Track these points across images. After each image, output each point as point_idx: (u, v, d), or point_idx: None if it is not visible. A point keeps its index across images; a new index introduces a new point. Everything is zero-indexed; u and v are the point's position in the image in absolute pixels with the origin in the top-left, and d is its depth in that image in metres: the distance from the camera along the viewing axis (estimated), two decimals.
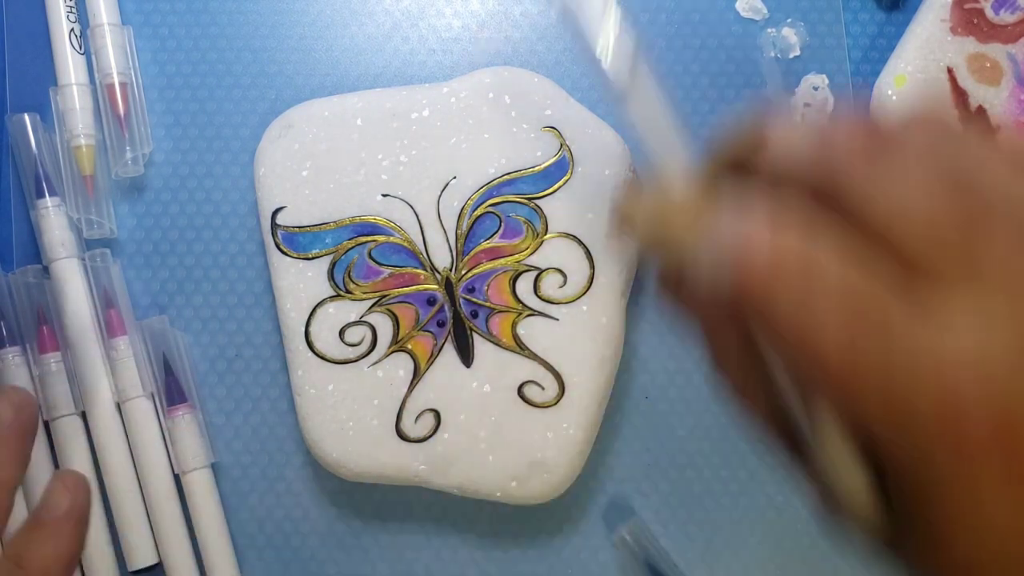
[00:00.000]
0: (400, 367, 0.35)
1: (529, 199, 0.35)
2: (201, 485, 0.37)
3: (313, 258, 0.35)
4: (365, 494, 0.38)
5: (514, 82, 0.36)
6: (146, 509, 0.37)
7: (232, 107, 0.40)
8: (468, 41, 0.40)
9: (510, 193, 0.35)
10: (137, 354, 0.37)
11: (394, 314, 0.35)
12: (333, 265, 0.35)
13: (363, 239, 0.35)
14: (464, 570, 0.37)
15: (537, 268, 0.35)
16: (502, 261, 0.35)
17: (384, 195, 0.35)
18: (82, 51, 0.39)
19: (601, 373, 0.35)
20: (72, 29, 0.38)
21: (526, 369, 0.35)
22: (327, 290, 0.35)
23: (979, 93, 0.37)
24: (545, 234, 0.35)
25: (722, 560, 0.37)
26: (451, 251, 0.35)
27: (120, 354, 0.37)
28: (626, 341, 0.36)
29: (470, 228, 0.35)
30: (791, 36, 0.40)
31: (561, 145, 0.35)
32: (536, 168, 0.35)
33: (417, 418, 0.35)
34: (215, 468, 0.38)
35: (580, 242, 0.35)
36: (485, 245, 0.35)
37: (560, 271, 0.35)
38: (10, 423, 0.29)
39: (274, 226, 0.35)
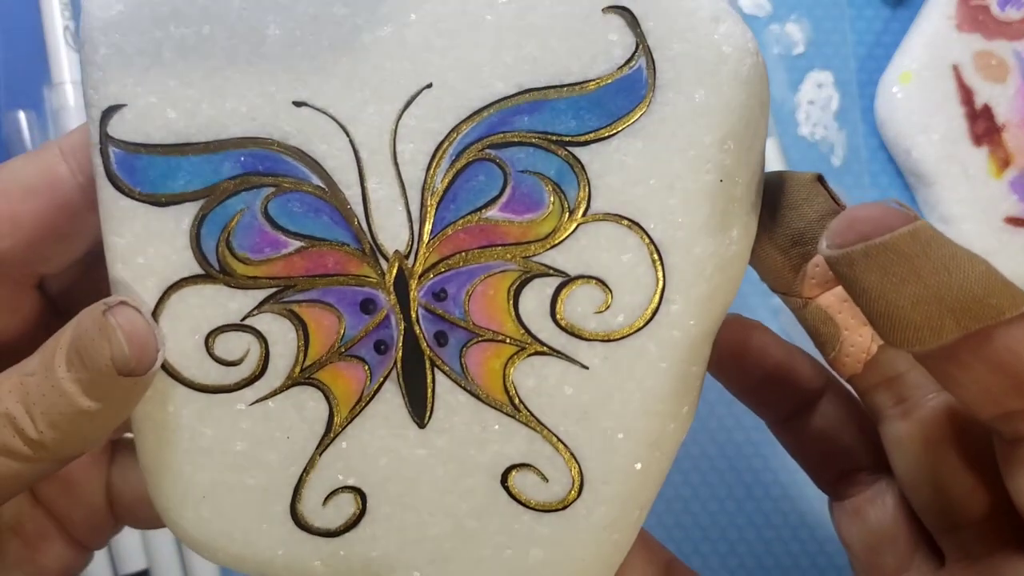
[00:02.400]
0: (306, 411, 0.20)
1: (563, 143, 0.19)
2: None
3: (168, 203, 0.20)
4: None
5: None
6: None
7: None
8: None
9: (530, 128, 0.19)
10: None
11: (301, 321, 0.20)
12: (201, 220, 0.20)
13: (257, 179, 0.20)
14: None
15: (562, 272, 0.19)
16: (501, 251, 0.19)
17: (299, 104, 0.19)
18: (76, 48, 0.38)
19: (653, 464, 0.20)
20: (67, 26, 0.38)
21: (520, 443, 0.20)
22: (189, 264, 0.20)
23: (985, 91, 0.37)
24: (585, 212, 0.19)
25: (728, 557, 0.35)
26: (411, 222, 0.20)
27: None
28: None
29: (450, 184, 0.19)
30: (795, 32, 0.39)
31: (637, 45, 0.18)
32: (585, 85, 0.19)
33: (328, 498, 0.21)
34: None
35: (646, 234, 0.19)
36: (474, 219, 0.19)
37: (602, 282, 0.19)
38: None
39: (105, 137, 0.20)
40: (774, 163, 0.37)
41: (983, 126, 0.36)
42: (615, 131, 0.19)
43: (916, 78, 0.37)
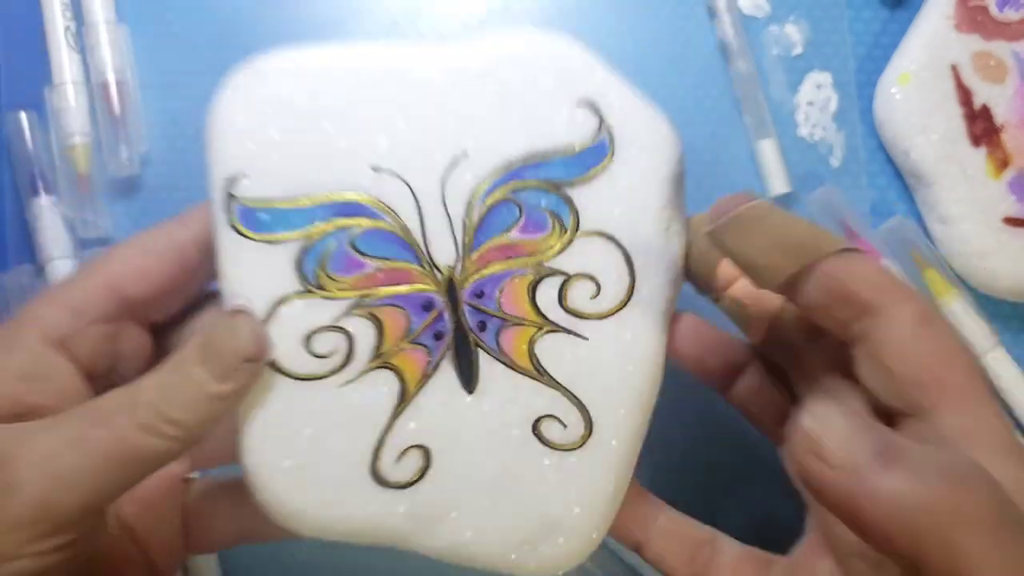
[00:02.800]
0: (382, 389, 0.27)
1: (558, 186, 0.28)
2: None
3: (278, 242, 0.27)
4: None
5: (548, 48, 0.29)
6: None
7: None
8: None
9: (535, 178, 0.28)
10: None
11: (378, 320, 0.27)
12: (304, 252, 0.27)
13: (344, 222, 0.28)
14: None
15: (564, 273, 0.28)
16: (520, 261, 0.28)
17: (375, 168, 0.28)
18: (77, 49, 0.39)
19: (638, 411, 0.27)
20: (67, 27, 0.38)
21: (544, 400, 0.27)
22: (293, 284, 0.27)
23: (984, 91, 0.36)
24: (576, 231, 0.28)
25: None
26: (456, 244, 0.28)
27: None
28: None
29: (482, 217, 0.28)
30: (794, 33, 0.39)
31: (601, 125, 0.28)
32: (569, 150, 0.28)
33: (400, 456, 0.27)
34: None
35: (618, 244, 0.28)
36: (500, 240, 0.28)
37: (592, 278, 0.28)
38: None
39: (229, 198, 0.27)
40: (773, 164, 0.38)
41: (981, 127, 0.36)
42: (591, 177, 0.28)
43: (915, 79, 0.36)
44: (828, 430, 0.20)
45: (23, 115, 0.38)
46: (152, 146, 0.39)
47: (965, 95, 0.36)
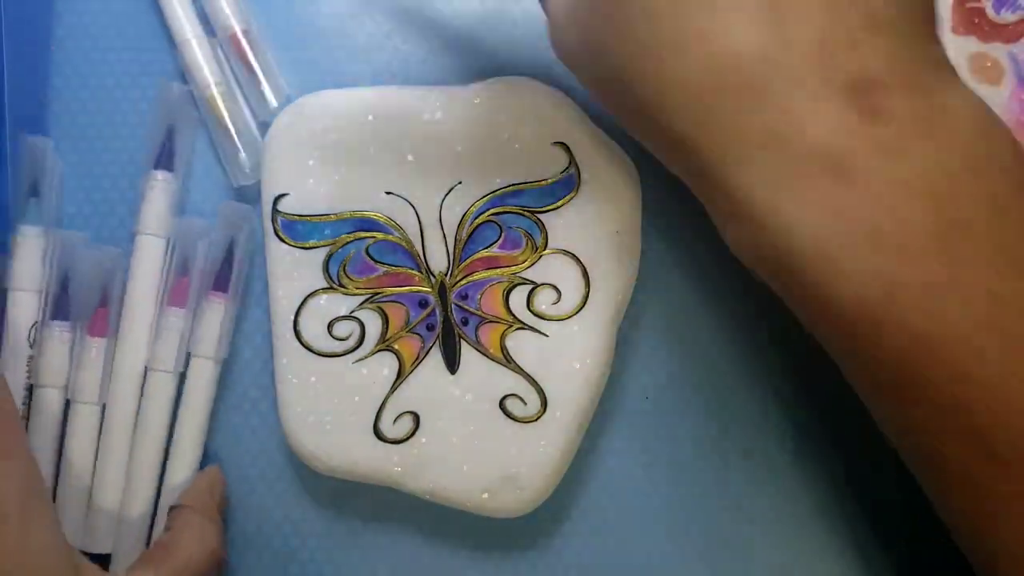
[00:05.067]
0: (385, 366, 0.35)
1: (532, 212, 0.35)
2: (202, 373, 0.36)
3: (310, 248, 0.35)
4: (364, 495, 0.37)
5: (532, 95, 0.35)
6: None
7: None
8: (469, 40, 0.39)
9: (514, 204, 0.35)
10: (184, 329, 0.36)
11: (385, 313, 0.35)
12: (329, 257, 0.35)
13: (362, 234, 0.35)
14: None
15: (533, 282, 0.35)
16: (498, 271, 0.35)
17: (388, 193, 0.35)
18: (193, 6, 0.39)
19: (585, 395, 0.34)
20: None
21: (510, 382, 0.34)
22: (320, 282, 0.35)
23: (980, 93, 0.36)
24: (544, 249, 0.35)
25: (722, 561, 0.37)
26: (448, 256, 0.35)
27: (170, 324, 0.36)
28: (627, 340, 0.37)
29: (470, 235, 0.35)
30: None
31: (570, 162, 0.35)
32: (543, 182, 0.35)
33: (396, 419, 0.35)
34: (216, 457, 0.37)
35: (578, 260, 0.35)
36: (483, 253, 0.35)
37: (555, 288, 0.35)
38: None
39: (275, 212, 0.35)
40: None
41: None
42: (560, 205, 0.35)
43: None
44: None
45: (174, 85, 0.38)
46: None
47: None
